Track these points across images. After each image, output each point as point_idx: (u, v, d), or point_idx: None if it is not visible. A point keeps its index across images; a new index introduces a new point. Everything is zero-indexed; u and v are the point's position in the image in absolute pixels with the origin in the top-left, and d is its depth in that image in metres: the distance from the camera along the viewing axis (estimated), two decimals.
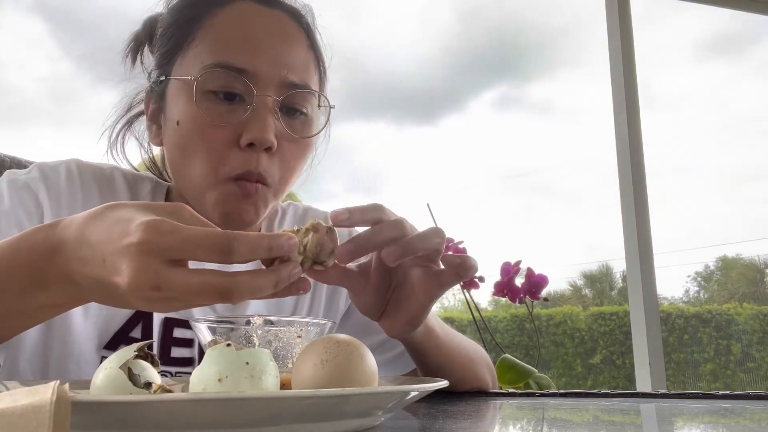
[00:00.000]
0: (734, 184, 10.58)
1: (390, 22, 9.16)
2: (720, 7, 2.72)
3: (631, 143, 2.35)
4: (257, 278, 0.41)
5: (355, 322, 0.80)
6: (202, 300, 0.40)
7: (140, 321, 0.68)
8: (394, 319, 0.55)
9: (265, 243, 0.41)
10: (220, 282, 0.39)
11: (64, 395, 0.29)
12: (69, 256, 0.44)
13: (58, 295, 0.46)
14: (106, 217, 0.43)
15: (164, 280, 0.39)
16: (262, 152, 0.65)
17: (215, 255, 0.39)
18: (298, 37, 0.70)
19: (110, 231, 0.41)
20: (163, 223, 0.40)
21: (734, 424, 0.46)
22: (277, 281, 0.42)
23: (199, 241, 0.39)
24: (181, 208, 0.43)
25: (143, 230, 0.39)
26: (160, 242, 0.39)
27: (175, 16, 0.71)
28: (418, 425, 0.47)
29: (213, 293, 0.40)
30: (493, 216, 9.91)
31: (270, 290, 0.42)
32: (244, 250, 0.40)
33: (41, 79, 9.82)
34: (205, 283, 0.39)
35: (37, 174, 0.69)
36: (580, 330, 7.17)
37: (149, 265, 0.39)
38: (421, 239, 0.50)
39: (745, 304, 7.38)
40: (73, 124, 10.21)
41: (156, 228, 0.39)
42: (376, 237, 0.49)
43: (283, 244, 0.42)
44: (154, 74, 0.72)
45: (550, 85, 11.84)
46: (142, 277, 0.39)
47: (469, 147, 10.41)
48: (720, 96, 9.04)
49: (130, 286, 0.39)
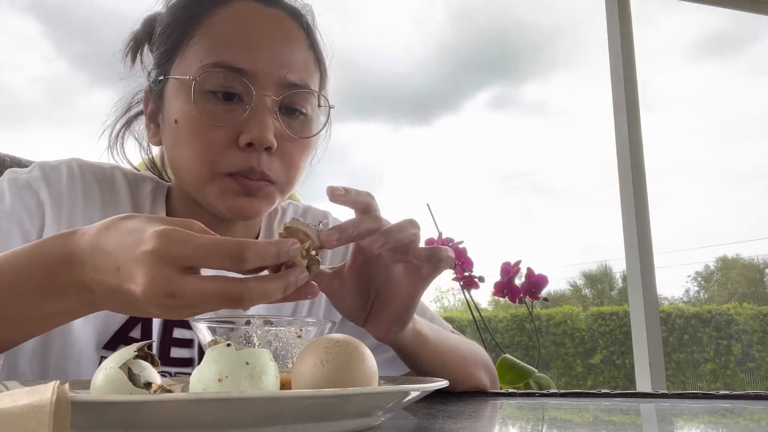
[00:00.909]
0: (734, 184, 10.58)
1: (384, 22, 9.17)
2: (718, 7, 2.72)
3: (631, 143, 2.35)
4: (267, 284, 0.42)
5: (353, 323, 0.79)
6: (215, 306, 0.41)
7: (139, 321, 0.68)
8: (380, 320, 0.56)
9: (273, 250, 0.42)
10: (232, 288, 0.40)
11: (64, 395, 0.29)
12: (84, 265, 0.44)
13: (72, 302, 0.46)
14: (120, 227, 0.43)
15: (178, 288, 0.40)
16: (262, 152, 0.64)
17: (227, 263, 0.40)
18: (297, 36, 0.70)
19: (124, 240, 0.42)
20: (176, 232, 0.40)
21: (734, 424, 0.46)
22: (286, 286, 0.43)
23: (211, 249, 0.40)
24: (192, 223, 0.44)
25: (156, 239, 0.40)
26: (173, 251, 0.40)
27: (175, 15, 0.71)
28: (418, 425, 0.47)
29: (225, 300, 0.40)
30: (491, 216, 9.93)
31: (279, 295, 0.43)
32: (254, 258, 0.41)
33: (36, 80, 9.84)
34: (217, 290, 0.40)
35: (38, 173, 0.69)
36: (580, 330, 7.17)
37: (163, 273, 0.40)
38: (397, 229, 0.51)
39: (745, 303, 7.39)
40: (69, 124, 10.24)
41: (169, 237, 0.40)
42: (357, 226, 0.50)
43: (288, 250, 0.43)
44: (153, 73, 0.72)
45: (545, 86, 11.88)
46: (157, 284, 0.40)
47: (466, 147, 10.44)
48: (719, 96, 9.04)
49: (145, 293, 0.40)
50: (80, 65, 10.70)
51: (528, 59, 10.14)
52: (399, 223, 0.52)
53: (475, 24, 10.40)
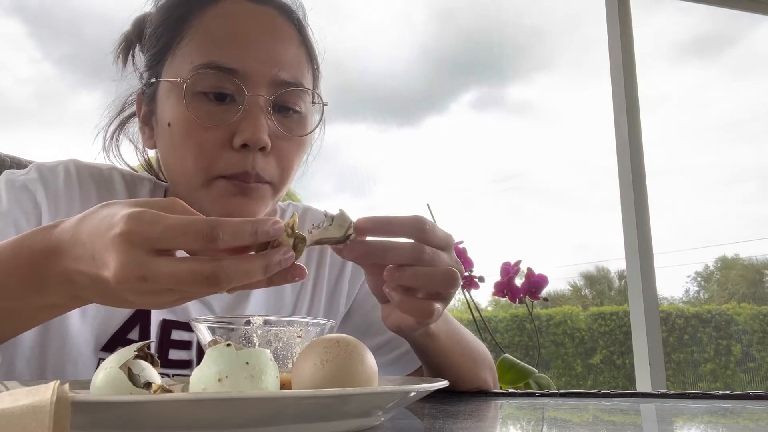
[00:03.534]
0: (734, 184, 10.59)
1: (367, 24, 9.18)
2: (716, 6, 2.72)
3: (631, 143, 2.35)
4: (245, 262, 0.40)
5: (355, 324, 0.79)
6: (191, 288, 0.40)
7: (138, 323, 0.68)
8: (389, 314, 0.56)
9: (249, 228, 0.40)
10: (206, 267, 0.39)
11: (64, 395, 0.29)
12: (65, 256, 0.44)
13: (57, 295, 0.46)
14: (97, 215, 0.43)
15: (149, 271, 0.39)
16: (257, 152, 0.64)
17: (199, 242, 0.39)
18: (289, 33, 0.69)
19: (99, 226, 0.41)
20: (146, 213, 0.39)
21: (734, 424, 0.46)
22: (267, 265, 0.41)
23: (182, 228, 0.39)
24: (174, 202, 0.43)
25: (126, 221, 0.39)
26: (142, 232, 0.39)
27: (164, 15, 0.70)
28: (419, 425, 0.47)
29: (201, 280, 0.39)
30: (485, 217, 9.95)
31: (260, 275, 0.41)
32: (227, 236, 0.39)
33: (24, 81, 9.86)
34: (190, 270, 0.39)
35: (35, 175, 0.68)
36: (580, 330, 7.17)
37: (133, 255, 0.39)
38: (427, 278, 0.51)
39: (745, 304, 7.38)
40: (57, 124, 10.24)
41: (138, 218, 0.39)
42: (387, 255, 0.50)
43: (268, 229, 0.41)
44: (144, 76, 0.71)
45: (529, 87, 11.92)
46: (127, 268, 0.39)
47: (455, 149, 10.47)
48: (717, 96, 9.05)
49: (116, 278, 0.39)
50: (67, 66, 10.71)
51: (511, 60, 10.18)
52: (437, 272, 0.51)
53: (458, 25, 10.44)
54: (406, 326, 0.55)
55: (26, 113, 9.33)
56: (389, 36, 9.91)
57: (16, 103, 9.49)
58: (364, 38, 9.15)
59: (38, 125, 9.37)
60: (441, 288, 0.51)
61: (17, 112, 9.00)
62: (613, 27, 2.44)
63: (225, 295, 0.73)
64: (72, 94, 11.78)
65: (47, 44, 9.56)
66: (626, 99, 2.37)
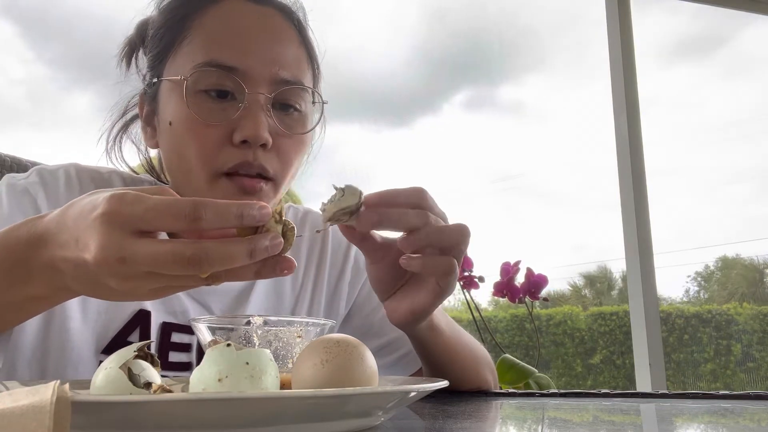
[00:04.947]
0: (734, 184, 10.58)
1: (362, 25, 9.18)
2: (715, 6, 2.72)
3: (631, 143, 2.35)
4: (229, 246, 0.39)
5: (355, 326, 0.79)
6: (172, 269, 0.38)
7: (138, 325, 0.68)
8: (398, 306, 0.57)
9: (234, 210, 0.39)
10: (187, 249, 0.38)
11: (65, 395, 0.29)
12: (50, 243, 0.43)
13: (43, 286, 0.45)
14: (83, 200, 0.42)
15: (129, 252, 0.38)
16: (257, 148, 0.64)
17: (181, 221, 0.38)
18: (289, 33, 0.70)
19: (83, 210, 0.41)
20: (128, 194, 0.39)
21: (734, 424, 0.46)
22: (252, 250, 0.40)
23: (164, 208, 0.38)
24: (164, 190, 0.42)
25: (107, 202, 0.38)
26: (123, 212, 0.38)
27: (166, 16, 0.70)
28: (419, 425, 0.47)
29: (182, 262, 0.38)
30: (481, 218, 9.98)
31: (245, 259, 0.40)
32: (211, 217, 0.38)
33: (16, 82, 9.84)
34: (171, 251, 0.38)
35: (36, 179, 0.69)
36: (580, 330, 7.17)
37: (113, 236, 0.38)
38: (439, 233, 0.52)
39: (745, 304, 7.39)
40: (51, 125, 10.24)
41: (120, 199, 0.38)
42: (400, 220, 0.50)
43: (255, 213, 0.40)
44: (147, 76, 0.72)
45: (520, 87, 11.93)
46: (107, 249, 0.38)
47: (448, 149, 10.50)
48: (713, 96, 9.05)
49: (95, 260, 0.38)
50: (59, 67, 10.72)
51: (503, 60, 10.18)
52: (446, 228, 0.52)
53: (451, 26, 10.44)
54: (420, 309, 0.55)
55: (19, 114, 9.32)
56: (382, 37, 9.92)
57: (8, 104, 9.48)
58: (357, 39, 9.15)
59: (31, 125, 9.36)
60: (454, 242, 0.53)
61: (10, 113, 8.99)
62: (613, 26, 2.44)
63: (225, 297, 0.73)
64: (64, 94, 11.76)
65: (39, 45, 9.55)
66: (626, 98, 2.37)
